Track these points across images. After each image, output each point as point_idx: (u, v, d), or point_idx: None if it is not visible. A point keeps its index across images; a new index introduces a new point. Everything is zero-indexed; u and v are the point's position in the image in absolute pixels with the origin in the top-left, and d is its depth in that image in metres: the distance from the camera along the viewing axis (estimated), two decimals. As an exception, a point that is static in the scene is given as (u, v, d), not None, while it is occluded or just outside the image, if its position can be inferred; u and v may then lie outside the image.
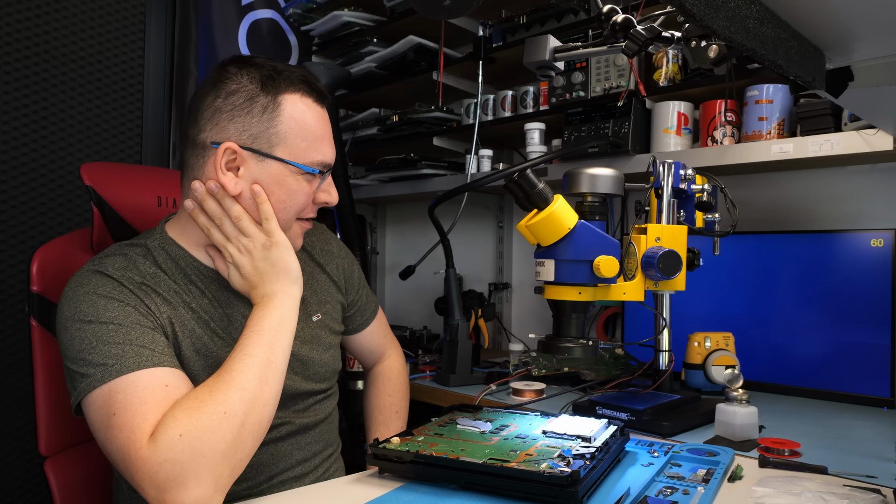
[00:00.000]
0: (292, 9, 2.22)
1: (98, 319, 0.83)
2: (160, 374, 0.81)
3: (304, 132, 0.93)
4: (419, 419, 1.02)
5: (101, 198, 1.16)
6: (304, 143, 0.93)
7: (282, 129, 0.92)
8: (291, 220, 0.97)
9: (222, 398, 0.78)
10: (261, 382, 0.82)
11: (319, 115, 0.96)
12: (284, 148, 0.92)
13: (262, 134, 0.91)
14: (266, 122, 0.92)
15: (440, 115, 1.97)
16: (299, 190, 0.94)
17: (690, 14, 0.50)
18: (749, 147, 1.39)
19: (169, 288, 0.93)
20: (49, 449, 1.09)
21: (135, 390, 0.78)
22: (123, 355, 0.80)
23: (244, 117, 0.91)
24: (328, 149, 0.97)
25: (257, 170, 0.92)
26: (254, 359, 0.83)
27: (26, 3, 1.77)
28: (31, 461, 1.76)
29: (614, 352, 1.56)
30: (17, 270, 1.75)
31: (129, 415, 0.76)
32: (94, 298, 0.85)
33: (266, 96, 0.92)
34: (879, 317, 1.34)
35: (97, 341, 0.81)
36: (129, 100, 1.98)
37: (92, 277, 0.88)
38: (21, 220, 1.76)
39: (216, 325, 0.95)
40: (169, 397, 0.78)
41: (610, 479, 0.86)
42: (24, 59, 1.76)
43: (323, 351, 1.11)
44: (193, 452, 0.73)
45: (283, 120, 0.92)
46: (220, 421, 0.76)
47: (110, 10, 1.93)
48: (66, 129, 1.85)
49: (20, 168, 1.76)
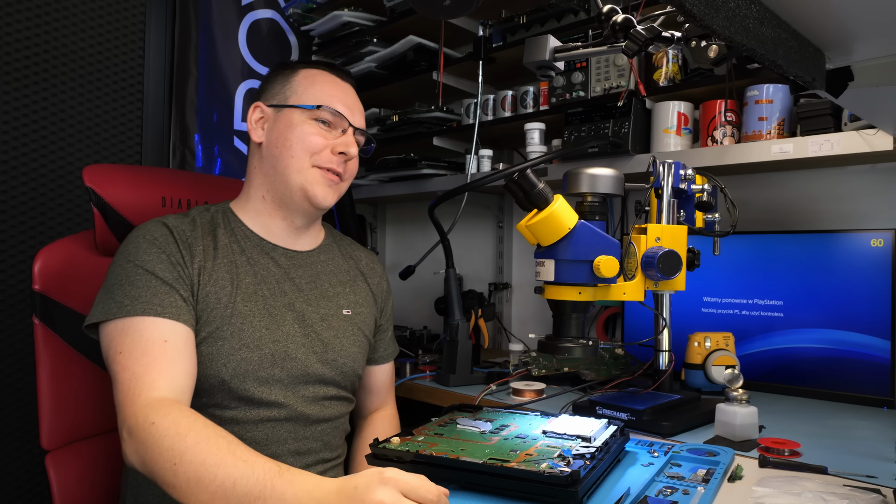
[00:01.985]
0: (292, 9, 2.22)
1: (135, 261, 0.97)
2: (162, 326, 0.93)
3: (314, 86, 1.12)
4: (419, 419, 1.02)
5: (101, 199, 1.17)
6: (311, 91, 1.11)
7: (294, 86, 1.12)
8: (305, 161, 1.08)
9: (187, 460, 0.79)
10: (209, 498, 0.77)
11: (334, 80, 1.14)
12: (295, 98, 1.11)
13: (280, 92, 1.12)
14: (284, 83, 1.13)
15: (440, 115, 1.97)
16: (308, 131, 1.08)
17: (690, 14, 0.50)
18: (749, 147, 1.39)
19: (211, 243, 1.05)
20: (51, 443, 1.11)
21: (140, 337, 0.92)
22: (137, 298, 0.94)
23: (271, 86, 1.14)
24: (338, 101, 1.11)
25: (276, 121, 1.10)
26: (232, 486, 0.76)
27: (26, 3, 1.77)
28: (31, 457, 1.76)
29: (614, 352, 1.56)
30: (17, 270, 1.75)
31: (132, 360, 0.90)
32: (140, 242, 1.00)
33: (287, 69, 1.15)
34: (879, 317, 1.34)
35: (126, 280, 0.96)
36: (129, 100, 1.98)
37: (150, 225, 1.03)
38: (20, 220, 1.76)
39: (248, 281, 1.06)
40: (165, 354, 0.91)
41: (610, 479, 0.86)
42: (23, 60, 1.76)
43: (347, 342, 1.14)
44: (147, 442, 0.83)
45: (296, 79, 1.13)
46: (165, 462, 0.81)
47: (110, 10, 1.93)
48: (66, 129, 1.85)
49: (20, 168, 1.76)
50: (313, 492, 0.73)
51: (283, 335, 1.06)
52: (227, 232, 1.09)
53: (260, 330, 1.03)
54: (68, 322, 1.16)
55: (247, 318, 1.02)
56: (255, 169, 1.13)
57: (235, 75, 2.18)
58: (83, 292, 1.17)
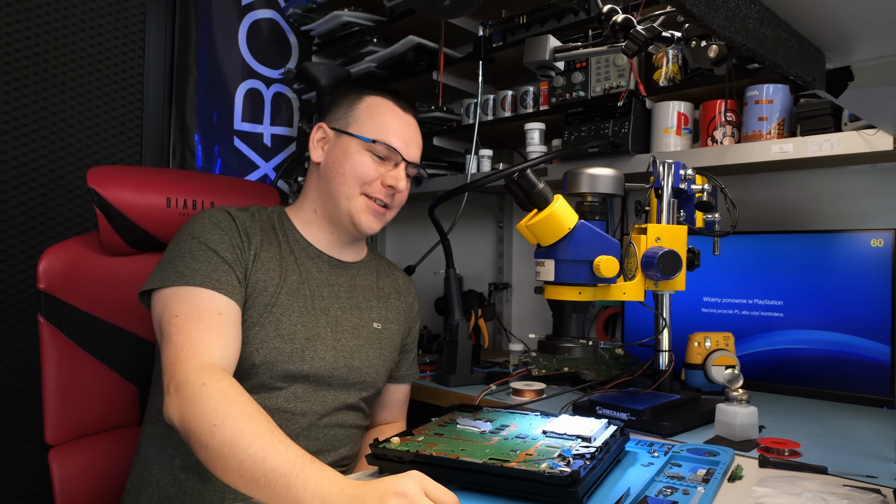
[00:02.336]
0: (292, 9, 2.22)
1: (199, 238, 1.03)
2: (219, 300, 0.98)
3: (375, 117, 1.16)
4: (419, 419, 1.02)
5: (105, 200, 1.18)
6: (371, 123, 1.15)
7: (357, 114, 1.16)
8: (355, 189, 1.13)
9: (227, 426, 0.81)
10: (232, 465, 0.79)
11: (394, 111, 1.17)
12: (355, 126, 1.15)
13: (342, 117, 1.17)
14: (347, 109, 1.18)
15: (440, 115, 1.97)
16: (362, 161, 1.13)
17: (690, 14, 0.50)
18: (749, 147, 1.39)
19: (265, 240, 1.10)
20: (55, 438, 1.15)
21: (197, 305, 0.97)
22: (198, 271, 0.99)
23: (336, 108, 1.20)
24: (394, 136, 1.15)
25: (335, 145, 1.16)
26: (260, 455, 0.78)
27: (26, 3, 1.77)
28: (32, 453, 1.76)
29: (614, 352, 1.56)
30: (17, 271, 1.75)
31: (189, 323, 0.94)
32: (205, 222, 1.06)
33: (354, 94, 1.19)
34: (879, 317, 1.34)
35: (188, 253, 1.01)
36: (129, 100, 1.98)
37: (215, 210, 1.10)
38: (20, 220, 1.76)
39: (293, 279, 1.10)
40: (219, 325, 0.96)
41: (610, 479, 0.86)
42: (24, 60, 1.76)
43: (373, 354, 1.18)
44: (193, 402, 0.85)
45: (360, 107, 1.17)
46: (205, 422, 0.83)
47: (110, 10, 1.93)
48: (67, 129, 1.85)
49: (20, 168, 1.76)
50: (338, 481, 0.74)
51: (316, 335, 1.10)
52: (280, 232, 1.15)
53: (296, 325, 1.08)
54: (74, 320, 1.18)
55: (286, 311, 1.07)
56: (312, 184, 1.20)
57: (235, 75, 2.18)
58: (89, 291, 1.20)
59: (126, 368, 1.24)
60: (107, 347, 1.22)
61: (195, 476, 1.01)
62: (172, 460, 1.03)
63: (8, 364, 1.74)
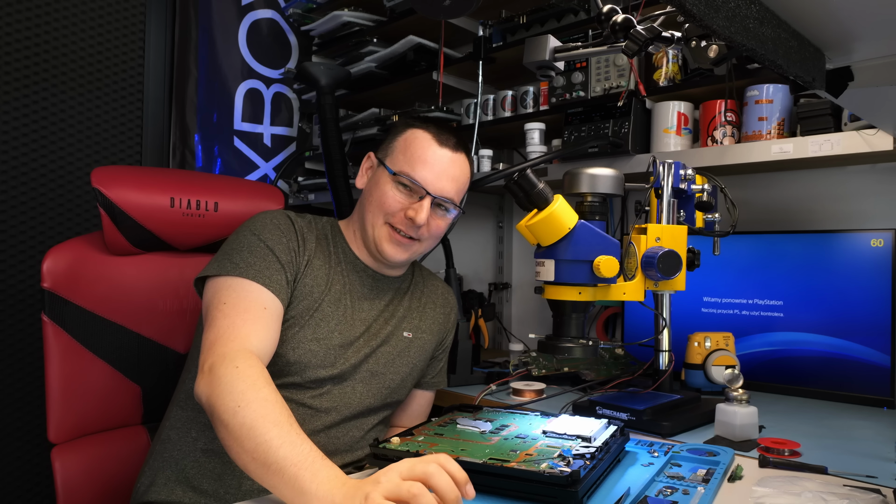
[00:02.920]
0: (292, 9, 2.22)
1: (259, 235, 1.08)
2: (266, 296, 1.02)
3: (408, 150, 1.16)
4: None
5: (109, 200, 1.19)
6: (403, 157, 1.16)
7: (395, 145, 1.18)
8: (379, 218, 1.15)
9: (251, 409, 0.83)
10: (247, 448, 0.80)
11: (429, 145, 1.16)
12: (390, 158, 1.17)
13: (385, 147, 1.20)
14: (392, 140, 1.20)
15: (440, 115, 1.97)
16: (389, 194, 1.14)
17: (690, 14, 0.50)
18: (749, 147, 1.39)
19: (318, 248, 1.15)
20: (58, 436, 1.16)
21: (246, 297, 1.01)
22: (252, 265, 1.04)
23: (387, 137, 1.22)
24: (424, 172, 1.14)
25: (374, 174, 1.19)
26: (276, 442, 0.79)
27: (26, 3, 1.77)
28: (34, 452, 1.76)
29: (614, 352, 1.56)
30: (17, 270, 1.75)
31: (235, 311, 0.99)
32: (266, 222, 1.11)
33: (402, 127, 1.21)
34: (879, 317, 1.34)
35: (246, 248, 1.06)
36: (129, 100, 1.98)
37: (276, 213, 1.14)
38: (23, 219, 1.76)
39: (336, 289, 1.14)
40: (262, 318, 1.00)
41: (610, 479, 0.86)
42: (24, 60, 1.76)
43: (400, 362, 1.21)
44: (223, 381, 0.87)
45: (399, 139, 1.18)
46: (231, 403, 0.85)
47: (110, 10, 1.93)
48: (66, 129, 1.85)
49: (21, 168, 1.76)
50: (343, 478, 0.75)
51: (349, 341, 1.13)
52: (332, 243, 1.19)
53: (333, 331, 1.11)
54: (79, 319, 1.19)
55: (326, 318, 1.11)
56: (357, 208, 1.24)
57: (235, 75, 2.18)
58: (93, 290, 1.21)
59: (129, 367, 1.25)
60: (110, 346, 1.22)
61: (216, 459, 1.04)
62: (195, 443, 1.05)
63: (11, 363, 1.74)
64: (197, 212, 1.29)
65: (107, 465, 1.18)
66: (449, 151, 1.17)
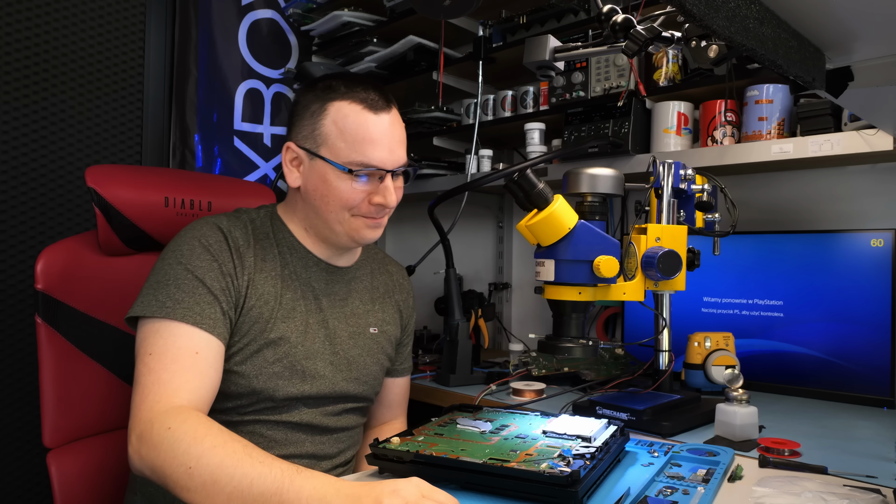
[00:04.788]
0: (292, 9, 2.22)
1: (186, 264, 0.97)
2: (199, 338, 0.94)
3: (343, 135, 1.02)
4: (419, 419, 1.02)
5: (104, 200, 1.17)
6: (344, 143, 1.02)
7: (324, 132, 1.03)
8: (344, 214, 1.05)
9: (203, 463, 0.79)
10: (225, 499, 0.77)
11: (365, 119, 1.03)
12: (326, 148, 1.03)
13: (310, 135, 1.05)
14: (313, 126, 1.04)
15: (440, 115, 1.97)
16: (343, 188, 1.03)
17: (690, 14, 0.50)
18: (749, 147, 1.39)
19: (260, 253, 1.05)
20: (53, 441, 1.13)
21: (174, 343, 0.92)
22: (180, 302, 0.94)
23: (300, 122, 1.06)
24: (375, 151, 1.02)
25: (311, 169, 1.05)
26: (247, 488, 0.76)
27: (26, 3, 1.77)
28: (33, 457, 1.76)
29: (614, 352, 1.56)
30: (17, 271, 1.75)
31: (161, 364, 0.91)
32: (195, 245, 0.99)
33: (315, 104, 1.04)
34: (879, 317, 1.34)
35: (173, 281, 0.96)
36: (129, 100, 1.98)
37: (206, 227, 1.02)
38: (20, 220, 1.76)
39: (288, 297, 1.06)
40: (195, 366, 0.92)
41: (610, 479, 0.86)
42: (24, 60, 1.76)
43: (370, 360, 1.16)
44: (160, 448, 0.82)
45: (325, 123, 1.03)
46: (179, 466, 0.80)
47: (110, 10, 1.93)
48: (66, 129, 1.85)
49: (20, 168, 1.76)
50: (333, 483, 0.75)
51: (314, 352, 1.08)
52: (274, 242, 1.09)
53: (295, 347, 1.05)
54: (72, 321, 1.17)
55: (284, 335, 1.04)
56: (297, 204, 1.11)
57: (235, 75, 2.18)
58: (86, 292, 1.19)
59: (124, 370, 1.23)
60: (105, 349, 1.21)
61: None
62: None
63: (7, 364, 1.74)
64: (191, 211, 1.28)
65: (104, 468, 1.17)
66: (385, 114, 1.05)
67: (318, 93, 1.05)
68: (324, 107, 1.03)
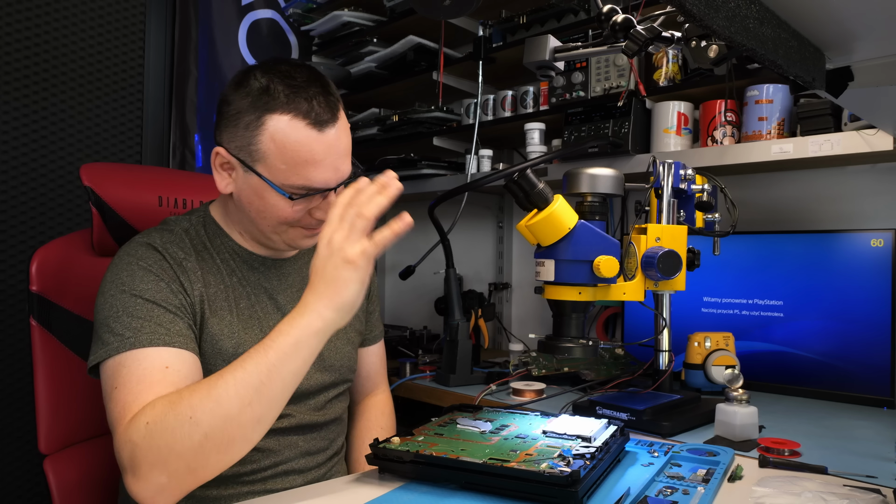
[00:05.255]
0: (292, 9, 2.22)
1: (131, 290, 0.90)
2: (165, 354, 0.86)
3: (283, 155, 0.91)
4: (419, 419, 1.02)
5: (100, 198, 1.17)
6: (284, 165, 0.92)
7: (261, 148, 0.92)
8: (276, 228, 0.98)
9: (196, 403, 0.79)
10: (241, 403, 0.79)
11: (308, 138, 0.91)
12: (264, 166, 0.93)
13: (245, 147, 0.93)
14: (248, 138, 0.92)
15: (440, 115, 1.97)
16: (281, 206, 0.95)
17: (690, 14, 0.50)
18: (749, 147, 1.39)
19: (203, 265, 0.99)
20: (49, 447, 1.10)
21: (137, 367, 0.84)
22: (141, 329, 0.86)
23: (233, 129, 0.94)
24: (316, 173, 0.93)
25: (245, 179, 0.96)
26: (245, 376, 0.80)
27: (26, 3, 1.77)
28: (31, 460, 1.76)
29: (614, 352, 1.56)
30: (17, 271, 1.75)
31: (125, 391, 0.83)
32: (134, 269, 0.92)
33: (251, 114, 0.92)
34: (879, 317, 1.34)
35: (123, 311, 0.88)
36: (129, 100, 1.98)
37: (139, 248, 0.95)
38: (20, 220, 1.76)
39: (243, 305, 1.01)
40: (165, 379, 0.84)
41: (610, 479, 0.86)
42: (24, 59, 1.76)
43: (340, 343, 1.14)
44: (151, 443, 0.78)
45: (263, 140, 0.92)
46: (182, 424, 0.78)
47: (110, 10, 1.93)
48: (66, 129, 1.85)
49: (20, 168, 1.76)
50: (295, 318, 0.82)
51: None
52: (213, 249, 1.02)
53: None
54: (64, 324, 1.14)
55: (246, 343, 0.98)
56: (230, 208, 1.03)
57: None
58: (79, 293, 1.16)
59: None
60: None
61: None
62: None
63: (6, 365, 1.74)
64: (184, 211, 1.27)
65: (103, 471, 1.14)
66: (331, 129, 0.93)
67: (253, 99, 0.91)
68: (261, 119, 0.91)
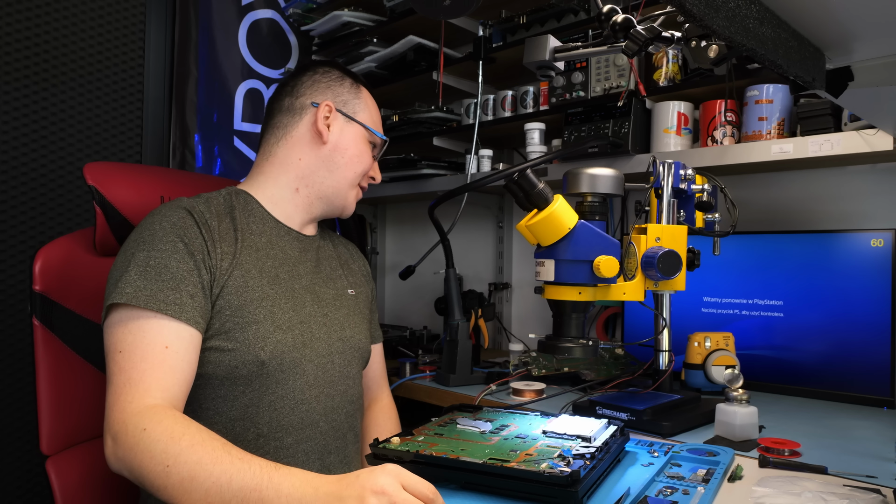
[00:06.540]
0: (292, 9, 2.22)
1: (149, 249, 0.95)
2: (168, 331, 0.91)
3: (371, 110, 1.22)
4: (419, 419, 1.02)
5: (103, 197, 1.17)
6: (368, 114, 1.21)
7: (362, 103, 1.21)
8: (358, 178, 1.19)
9: (182, 461, 0.79)
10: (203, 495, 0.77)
11: (374, 103, 1.25)
12: (365, 116, 1.20)
13: (349, 101, 1.19)
14: (352, 94, 1.20)
15: (440, 115, 1.97)
16: (367, 153, 1.20)
17: (690, 14, 0.50)
18: (749, 147, 1.39)
19: (234, 224, 1.06)
20: (51, 448, 1.10)
21: (143, 339, 0.90)
22: (145, 290, 0.92)
23: (338, 87, 1.19)
24: (380, 128, 1.24)
25: (344, 128, 1.17)
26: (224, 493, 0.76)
27: (26, 3, 1.77)
28: (32, 461, 1.76)
29: (614, 352, 1.56)
30: (18, 270, 1.75)
31: (129, 363, 0.89)
32: (157, 228, 0.97)
33: (351, 78, 1.22)
34: (879, 317, 1.34)
35: (135, 268, 0.93)
36: (129, 100, 1.98)
37: (168, 209, 1.01)
38: (21, 219, 1.76)
39: (269, 265, 1.07)
40: (165, 360, 0.90)
41: (610, 479, 0.86)
42: (24, 60, 1.76)
43: (357, 320, 1.20)
44: (135, 448, 0.82)
45: (363, 97, 1.21)
46: (157, 464, 0.80)
47: (110, 10, 1.93)
48: (67, 129, 1.85)
49: (20, 168, 1.76)
50: (311, 481, 0.74)
51: (307, 316, 1.09)
52: (244, 214, 1.10)
53: (288, 312, 1.05)
54: (67, 323, 1.14)
55: (276, 301, 1.04)
56: (301, 162, 1.15)
57: (235, 75, 2.18)
58: (81, 293, 1.16)
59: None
60: (100, 351, 1.18)
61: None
62: None
63: (7, 365, 1.74)
64: None
65: (106, 472, 1.13)
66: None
67: (349, 71, 1.22)
68: (358, 86, 1.21)
